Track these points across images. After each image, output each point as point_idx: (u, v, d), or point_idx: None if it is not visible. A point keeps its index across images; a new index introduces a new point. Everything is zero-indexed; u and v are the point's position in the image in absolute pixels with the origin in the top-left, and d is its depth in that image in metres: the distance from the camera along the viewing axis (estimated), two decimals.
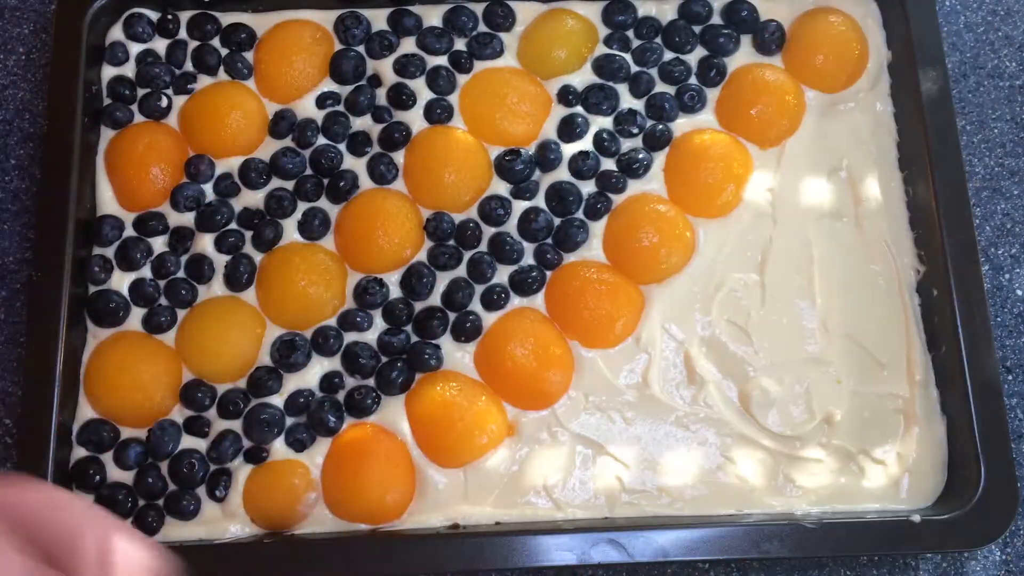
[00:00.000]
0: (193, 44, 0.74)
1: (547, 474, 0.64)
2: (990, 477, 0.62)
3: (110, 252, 0.69)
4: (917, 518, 0.62)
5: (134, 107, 0.72)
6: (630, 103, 0.73)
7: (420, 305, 0.68)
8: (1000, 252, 0.73)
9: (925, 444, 0.65)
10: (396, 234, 0.68)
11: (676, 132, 0.72)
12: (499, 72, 0.73)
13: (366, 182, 0.71)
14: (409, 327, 0.68)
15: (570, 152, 0.71)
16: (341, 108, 0.73)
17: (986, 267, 0.72)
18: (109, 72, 0.73)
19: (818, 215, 0.71)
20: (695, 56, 0.74)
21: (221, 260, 0.69)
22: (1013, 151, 0.75)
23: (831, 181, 0.72)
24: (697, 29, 0.74)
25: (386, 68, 0.73)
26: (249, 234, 0.70)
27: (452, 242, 0.69)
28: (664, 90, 0.73)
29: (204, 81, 0.73)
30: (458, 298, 0.68)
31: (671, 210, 0.70)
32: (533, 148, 0.72)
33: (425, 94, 0.72)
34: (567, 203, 0.70)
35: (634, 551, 0.60)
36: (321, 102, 0.73)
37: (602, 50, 0.74)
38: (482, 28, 0.74)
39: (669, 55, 0.74)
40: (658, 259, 0.68)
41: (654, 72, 0.74)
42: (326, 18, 0.74)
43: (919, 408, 0.66)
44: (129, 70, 0.73)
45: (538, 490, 0.64)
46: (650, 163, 0.71)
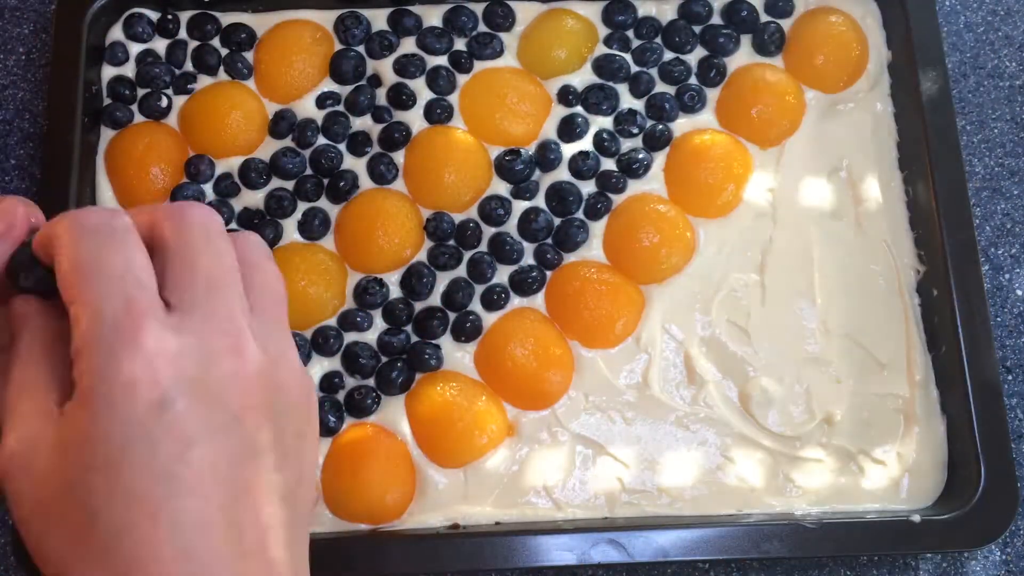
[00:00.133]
0: (193, 44, 0.74)
1: (547, 474, 0.64)
2: (990, 477, 0.62)
3: None
4: (917, 518, 0.62)
5: (134, 107, 0.72)
6: (630, 103, 0.73)
7: (420, 305, 0.68)
8: (1000, 252, 0.73)
9: (925, 444, 0.65)
10: (396, 234, 0.68)
11: (676, 132, 0.72)
12: (499, 72, 0.73)
13: (366, 182, 0.71)
14: (409, 327, 0.68)
15: (570, 152, 0.71)
16: (341, 108, 0.73)
17: (986, 267, 0.72)
18: (109, 72, 0.73)
19: (818, 215, 0.71)
20: (695, 56, 0.74)
21: None
22: (1013, 151, 0.75)
23: (831, 181, 0.72)
24: (697, 29, 0.74)
25: (386, 68, 0.73)
26: None
27: (452, 242, 0.69)
28: (664, 90, 0.73)
29: (204, 81, 0.73)
30: (458, 298, 0.68)
31: (671, 210, 0.70)
32: (533, 148, 0.72)
33: (425, 94, 0.72)
34: (567, 203, 0.70)
35: (634, 551, 0.60)
36: (321, 102, 0.73)
37: (602, 50, 0.74)
38: (482, 28, 0.74)
39: (669, 55, 0.74)
40: (658, 259, 0.68)
41: (654, 72, 0.74)
42: (326, 18, 0.74)
43: (919, 408, 0.66)
44: (129, 70, 0.73)
45: (538, 490, 0.64)
46: (650, 163, 0.71)
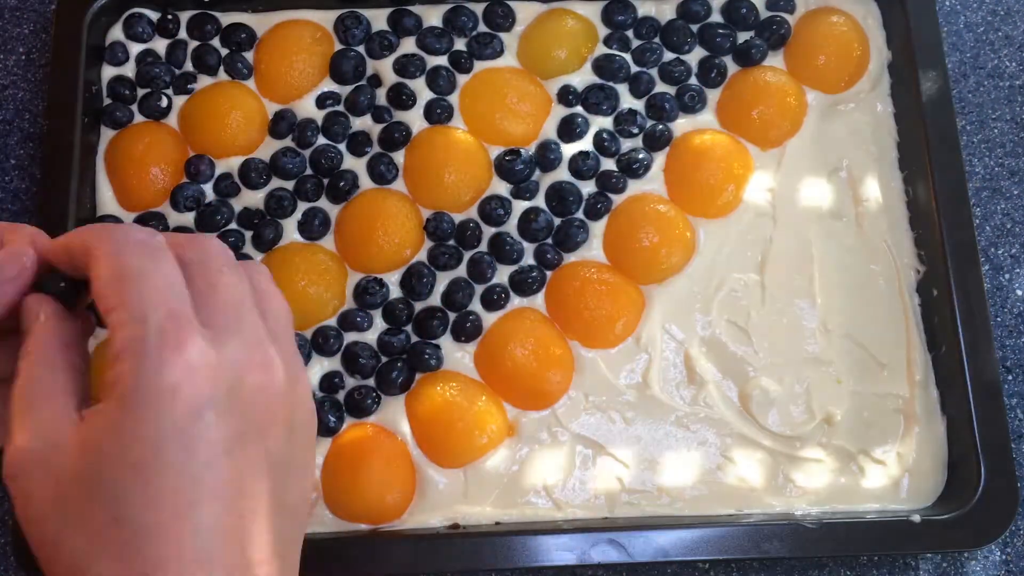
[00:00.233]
0: (193, 44, 0.74)
1: (547, 474, 0.64)
2: (990, 477, 0.62)
3: None
4: (917, 518, 0.62)
5: (134, 107, 0.72)
6: (630, 103, 0.73)
7: (420, 305, 0.68)
8: (1000, 252, 0.73)
9: (925, 444, 0.65)
10: (396, 234, 0.68)
11: (676, 132, 0.72)
12: (499, 72, 0.73)
13: (366, 182, 0.71)
14: (409, 327, 0.68)
15: (570, 152, 0.71)
16: (341, 108, 0.73)
17: (986, 267, 0.72)
18: (109, 72, 0.73)
19: (818, 215, 0.71)
20: (695, 56, 0.74)
21: None
22: (1013, 151, 0.75)
23: (831, 181, 0.72)
24: (696, 28, 0.74)
25: (386, 68, 0.73)
26: (249, 234, 0.69)
27: (452, 242, 0.69)
28: (664, 90, 0.73)
29: (204, 81, 0.73)
30: (458, 298, 0.68)
31: (671, 210, 0.70)
32: (533, 148, 0.72)
33: (425, 94, 0.72)
34: (567, 203, 0.70)
35: (634, 551, 0.60)
36: (321, 102, 0.73)
37: (602, 50, 0.74)
38: (482, 28, 0.74)
39: (669, 55, 0.74)
40: (658, 259, 0.68)
41: (654, 72, 0.74)
42: (326, 18, 0.74)
43: (919, 408, 0.66)
44: (129, 70, 0.73)
45: (538, 490, 0.64)
46: (650, 163, 0.71)
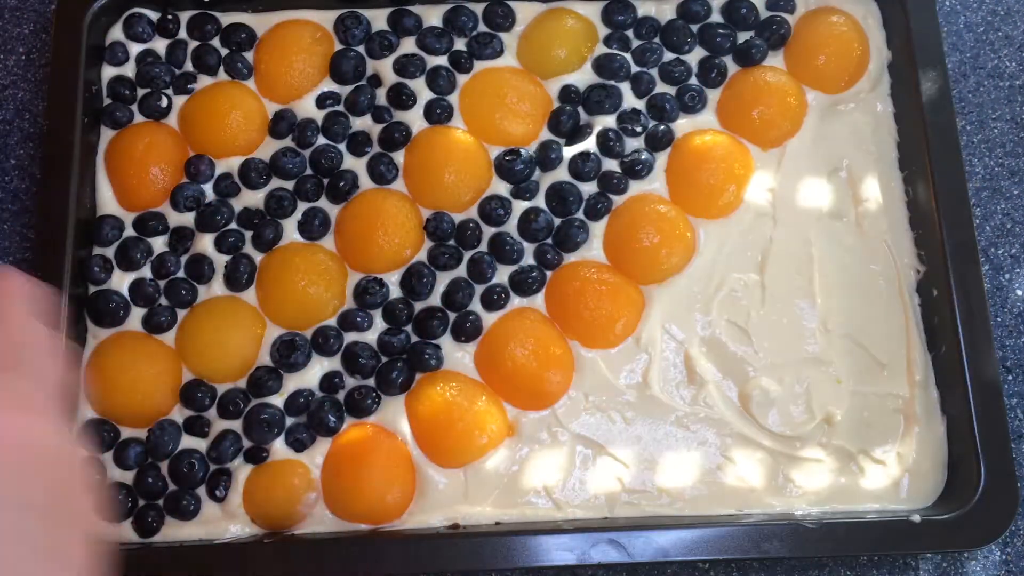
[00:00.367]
0: (193, 44, 0.74)
1: (547, 474, 0.64)
2: (990, 477, 0.62)
3: (110, 252, 0.69)
4: (917, 518, 0.62)
5: (134, 107, 0.72)
6: (630, 103, 0.73)
7: (420, 305, 0.68)
8: (1000, 252, 0.73)
9: (925, 444, 0.65)
10: (396, 234, 0.68)
11: (677, 133, 0.72)
12: (499, 72, 0.73)
13: (366, 182, 0.71)
14: (409, 327, 0.68)
15: (571, 153, 0.71)
16: (341, 108, 0.73)
17: (986, 267, 0.72)
18: (109, 72, 0.73)
19: (818, 215, 0.71)
20: (695, 56, 0.74)
21: (221, 260, 0.69)
22: (1013, 151, 0.75)
23: (831, 181, 0.72)
24: (696, 29, 0.74)
25: (386, 68, 0.73)
26: (249, 234, 0.70)
27: (452, 242, 0.69)
28: (664, 90, 0.73)
29: (204, 81, 0.73)
30: (458, 298, 0.68)
31: (672, 210, 0.70)
32: (533, 148, 0.72)
33: (425, 94, 0.72)
34: (567, 203, 0.70)
35: (634, 551, 0.60)
36: (321, 102, 0.73)
37: (602, 50, 0.74)
38: (482, 28, 0.74)
39: (669, 55, 0.74)
40: (659, 259, 0.68)
41: (654, 72, 0.74)
42: (326, 18, 0.74)
43: (919, 408, 0.66)
44: (129, 70, 0.73)
45: (538, 490, 0.64)
46: (652, 164, 0.71)
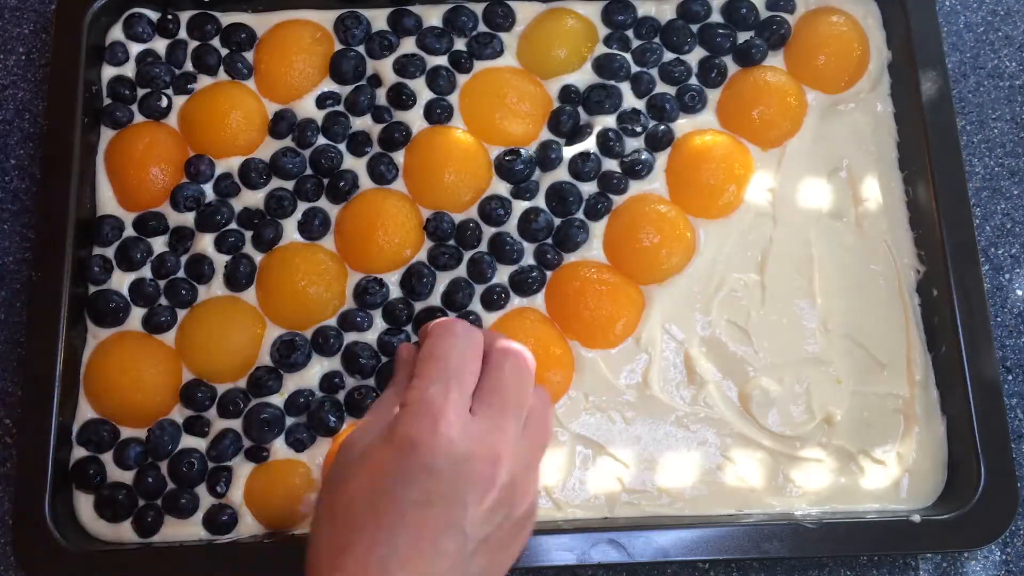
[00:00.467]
0: (193, 44, 0.74)
1: (547, 474, 0.64)
2: (990, 477, 0.62)
3: (110, 252, 0.69)
4: (917, 518, 0.62)
5: (134, 107, 0.72)
6: (631, 103, 0.73)
7: (420, 305, 0.68)
8: (1000, 252, 0.73)
9: (925, 444, 0.65)
10: (396, 234, 0.68)
11: (677, 133, 0.72)
12: (499, 72, 0.73)
13: (366, 182, 0.71)
14: (409, 327, 0.68)
15: (571, 153, 0.71)
16: (341, 108, 0.73)
17: (986, 267, 0.72)
18: (109, 72, 0.73)
19: (818, 215, 0.71)
20: (695, 56, 0.74)
21: (221, 260, 0.69)
22: (1013, 151, 0.75)
23: (831, 181, 0.72)
24: (696, 29, 0.74)
25: (386, 68, 0.73)
26: (249, 234, 0.70)
27: (452, 242, 0.69)
28: (664, 90, 0.73)
29: (204, 81, 0.73)
30: (458, 298, 0.68)
31: (672, 210, 0.70)
32: (533, 148, 0.72)
33: (425, 94, 0.72)
34: (567, 203, 0.70)
35: (634, 551, 0.60)
36: (321, 102, 0.73)
37: (602, 50, 0.74)
38: (482, 28, 0.74)
39: (669, 55, 0.74)
40: (659, 259, 0.68)
41: (654, 72, 0.74)
42: (326, 18, 0.74)
43: (919, 408, 0.66)
44: (129, 70, 0.73)
45: (538, 490, 0.64)
46: (653, 164, 0.71)
